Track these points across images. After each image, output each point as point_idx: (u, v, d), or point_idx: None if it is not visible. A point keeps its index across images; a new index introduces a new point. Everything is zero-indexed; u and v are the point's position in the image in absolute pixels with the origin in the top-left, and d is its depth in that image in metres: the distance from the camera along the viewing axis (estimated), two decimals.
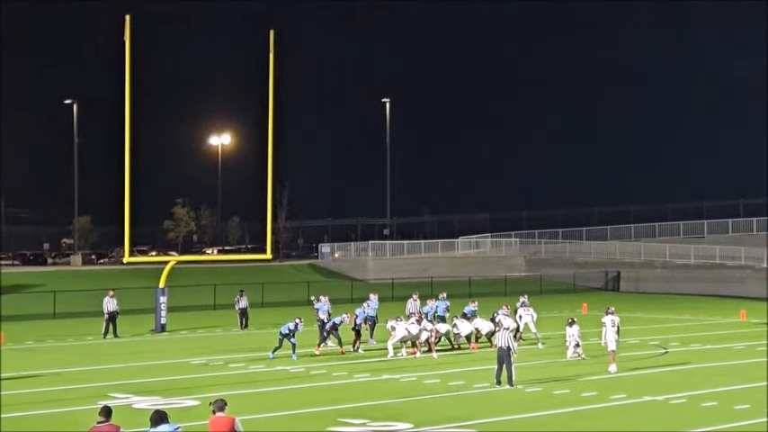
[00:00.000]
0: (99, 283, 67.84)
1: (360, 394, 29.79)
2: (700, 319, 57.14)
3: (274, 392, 30.59)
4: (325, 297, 44.42)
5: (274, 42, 50.48)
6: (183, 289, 65.14)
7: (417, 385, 31.34)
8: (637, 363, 36.67)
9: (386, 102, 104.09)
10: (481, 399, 28.93)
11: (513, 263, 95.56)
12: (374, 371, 34.72)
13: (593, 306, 62.02)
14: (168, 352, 41.30)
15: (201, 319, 57.15)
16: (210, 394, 25.53)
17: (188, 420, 23.94)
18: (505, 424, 25.53)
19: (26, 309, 59.83)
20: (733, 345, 42.94)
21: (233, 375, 34.03)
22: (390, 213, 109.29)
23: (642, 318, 57.80)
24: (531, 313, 43.19)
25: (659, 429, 25.08)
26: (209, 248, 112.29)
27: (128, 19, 47.34)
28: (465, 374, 33.51)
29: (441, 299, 47.00)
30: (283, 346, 38.17)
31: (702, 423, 25.20)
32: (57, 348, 43.14)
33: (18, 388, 30.91)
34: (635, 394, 29.03)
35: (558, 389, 30.25)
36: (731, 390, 30.35)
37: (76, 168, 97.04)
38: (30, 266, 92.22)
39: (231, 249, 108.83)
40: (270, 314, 57.47)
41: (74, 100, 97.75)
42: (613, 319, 34.47)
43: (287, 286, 73.68)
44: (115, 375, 33.99)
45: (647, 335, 47.35)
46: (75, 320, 56.08)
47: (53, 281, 72.12)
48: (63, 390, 30.98)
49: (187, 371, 35.26)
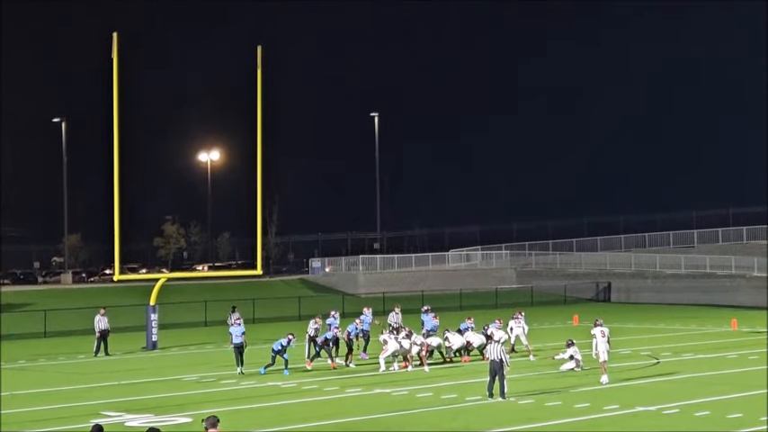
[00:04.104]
0: (90, 301, 67.70)
1: (352, 409, 29.74)
2: (691, 329, 57.19)
3: (267, 408, 30.52)
4: (336, 312, 44.59)
5: (262, 58, 50.52)
6: (174, 306, 64.99)
7: (410, 399, 31.31)
8: (629, 373, 36.68)
9: (374, 116, 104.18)
10: (474, 411, 28.90)
11: (504, 275, 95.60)
12: (366, 385, 34.68)
13: (584, 317, 62.03)
14: (160, 369, 41.22)
15: (193, 335, 57.05)
16: (203, 411, 25.51)
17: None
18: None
19: (17, 328, 59.67)
20: (725, 354, 42.99)
21: (225, 392, 33.97)
22: (380, 227, 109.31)
23: (633, 328, 57.84)
24: (523, 325, 43.26)
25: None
26: (199, 265, 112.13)
27: (115, 36, 47.33)
28: (457, 387, 33.49)
29: (424, 311, 47.04)
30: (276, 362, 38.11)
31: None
32: (48, 367, 43.02)
33: (10, 407, 30.78)
34: (628, 405, 29.04)
35: (550, 400, 30.24)
36: (724, 399, 30.38)
37: (66, 186, 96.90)
38: (20, 285, 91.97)
39: (221, 266, 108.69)
40: (261, 330, 57.40)
41: (62, 118, 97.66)
42: (603, 330, 34.49)
43: (278, 302, 73.60)
44: (107, 393, 33.90)
45: (638, 345, 47.38)
46: (67, 339, 55.95)
47: (44, 299, 71.97)
48: (55, 408, 30.87)
49: (179, 388, 35.17)
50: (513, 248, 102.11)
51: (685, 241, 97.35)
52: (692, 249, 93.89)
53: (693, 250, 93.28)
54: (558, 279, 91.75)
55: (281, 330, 56.37)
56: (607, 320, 36.31)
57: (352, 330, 41.99)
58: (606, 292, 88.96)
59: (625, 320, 63.08)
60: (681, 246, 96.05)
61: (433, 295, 76.78)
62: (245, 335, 39.63)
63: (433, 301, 65.40)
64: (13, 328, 59.25)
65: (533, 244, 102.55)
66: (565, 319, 64.74)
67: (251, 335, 53.18)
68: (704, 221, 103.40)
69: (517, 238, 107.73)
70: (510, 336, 42.64)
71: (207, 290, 78.37)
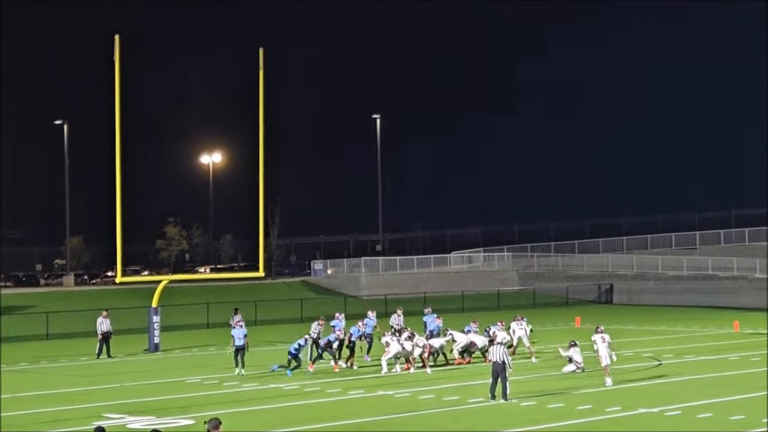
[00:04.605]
0: (92, 303, 67.69)
1: (355, 411, 29.74)
2: (693, 331, 57.16)
3: (269, 410, 30.52)
4: (341, 314, 44.53)
5: (264, 60, 50.55)
6: (177, 308, 65.03)
7: (412, 401, 31.30)
8: (631, 375, 36.67)
9: (376, 118, 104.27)
10: (476, 413, 28.90)
11: (506, 277, 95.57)
12: (368, 387, 34.69)
13: (586, 319, 62.01)
14: (162, 371, 41.23)
15: (195, 337, 57.06)
16: (205, 413, 25.50)
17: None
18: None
19: (19, 330, 59.70)
20: (727, 355, 42.97)
21: (228, 394, 33.97)
22: (383, 229, 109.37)
23: (635, 330, 57.80)
24: (525, 327, 43.24)
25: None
26: (201, 267, 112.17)
27: (117, 39, 47.37)
28: (459, 389, 33.49)
29: (426, 313, 47.01)
30: None
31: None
32: (51, 369, 43.04)
33: (12, 409, 30.81)
34: (630, 407, 29.02)
35: (552, 402, 30.23)
36: (726, 401, 30.36)
37: (68, 189, 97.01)
38: (22, 288, 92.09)
39: (223, 268, 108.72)
40: (263, 332, 57.42)
41: (64, 121, 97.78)
42: (603, 336, 34.51)
43: (280, 304, 73.58)
44: (109, 395, 33.91)
45: (640, 347, 47.35)
46: (69, 341, 55.97)
47: (46, 302, 72.01)
48: (57, 411, 30.88)
49: (181, 390, 35.19)
50: (515, 250, 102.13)
51: (687, 243, 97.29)
52: (694, 251, 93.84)
53: (695, 252, 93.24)
54: (560, 281, 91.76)
55: (283, 332, 56.50)
56: (609, 322, 36.45)
57: (355, 333, 42.00)
58: (608, 293, 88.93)
59: (627, 322, 63.05)
60: (683, 247, 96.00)
61: (435, 297, 76.77)
62: (246, 337, 39.69)
63: (435, 302, 65.42)
64: (15, 331, 59.26)
65: (535, 246, 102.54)
66: (567, 320, 64.71)
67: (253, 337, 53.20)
68: (706, 223, 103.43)
69: (519, 239, 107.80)
70: (512, 337, 42.65)
71: (209, 292, 78.38)
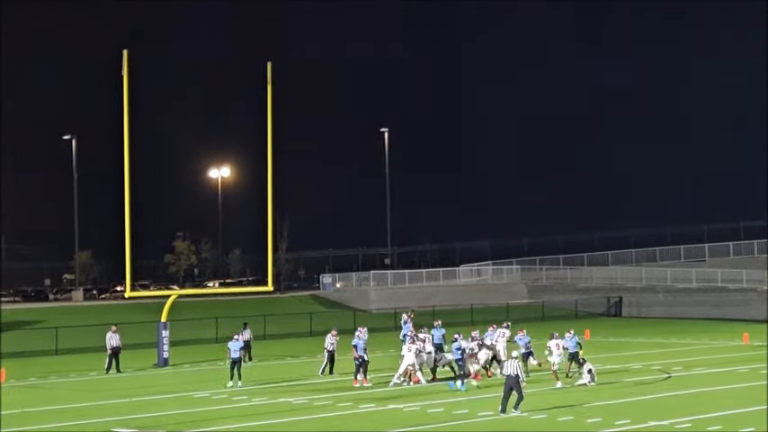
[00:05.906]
0: (101, 318, 67.68)
1: (366, 424, 29.73)
2: (702, 343, 57.06)
3: (279, 425, 30.50)
4: (364, 328, 43.02)
5: (272, 74, 50.64)
6: (186, 323, 65.02)
7: (422, 414, 31.29)
8: (640, 388, 36.63)
9: (384, 131, 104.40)
10: (486, 427, 28.87)
11: (515, 290, 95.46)
12: (379, 400, 34.68)
13: (595, 332, 61.92)
14: (172, 386, 41.23)
15: (204, 352, 57.02)
16: (215, 428, 25.52)
17: None
18: None
19: (28, 345, 59.71)
20: (736, 368, 42.90)
21: (237, 408, 33.98)
22: (391, 242, 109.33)
23: (645, 342, 57.69)
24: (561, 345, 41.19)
25: None
26: (210, 281, 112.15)
27: (125, 54, 47.52)
28: (469, 403, 33.47)
29: (435, 326, 46.82)
30: None
31: None
32: (60, 384, 43.07)
33: (21, 425, 30.84)
34: (640, 419, 28.99)
35: (562, 415, 30.21)
36: (736, 413, 30.31)
37: (76, 203, 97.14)
38: (31, 303, 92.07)
39: (232, 282, 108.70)
40: (273, 346, 57.41)
41: (72, 135, 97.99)
42: (558, 343, 35.81)
43: (289, 318, 73.54)
44: (119, 411, 33.93)
45: (649, 360, 47.28)
46: (78, 356, 55.98)
47: (55, 317, 71.98)
48: (67, 426, 30.89)
49: (191, 404, 35.20)
50: (524, 263, 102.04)
51: (696, 255, 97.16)
52: (703, 263, 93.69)
53: (704, 264, 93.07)
54: (569, 293, 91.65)
55: (292, 346, 56.52)
56: (618, 334, 36.50)
57: (359, 345, 41.54)
58: (617, 306, 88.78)
59: (636, 335, 62.95)
60: (692, 260, 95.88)
61: (444, 310, 76.65)
62: (243, 350, 39.64)
63: (444, 316, 65.25)
64: (24, 346, 59.29)
65: (544, 259, 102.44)
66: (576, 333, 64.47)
67: (263, 351, 53.28)
68: (715, 235, 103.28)
69: (528, 252, 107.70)
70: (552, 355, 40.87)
71: (218, 306, 78.38)
